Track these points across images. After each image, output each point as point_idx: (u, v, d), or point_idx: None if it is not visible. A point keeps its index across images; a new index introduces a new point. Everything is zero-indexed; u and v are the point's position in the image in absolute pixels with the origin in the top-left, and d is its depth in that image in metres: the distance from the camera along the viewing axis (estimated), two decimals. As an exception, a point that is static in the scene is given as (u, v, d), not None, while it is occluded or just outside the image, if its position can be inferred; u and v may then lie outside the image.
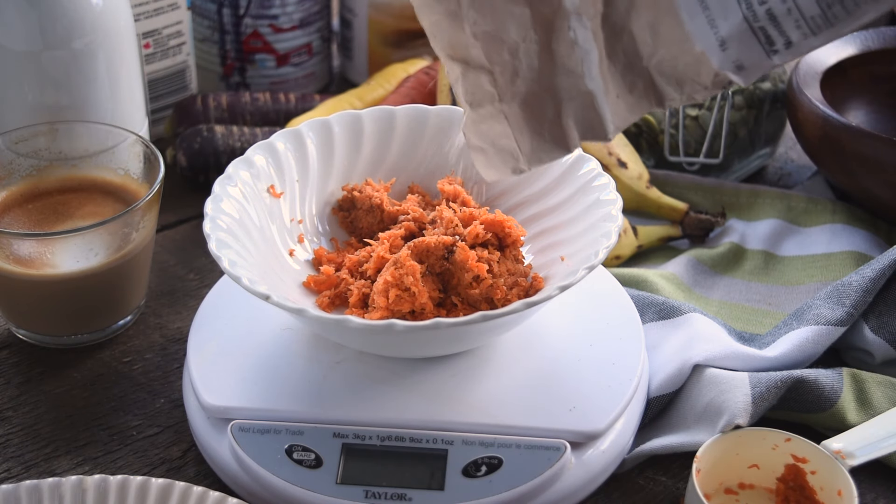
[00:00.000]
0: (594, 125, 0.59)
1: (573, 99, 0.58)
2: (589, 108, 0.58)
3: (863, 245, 0.84)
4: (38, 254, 0.72)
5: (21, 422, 0.71)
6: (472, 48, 0.57)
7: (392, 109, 0.75)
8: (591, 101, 0.58)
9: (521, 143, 0.59)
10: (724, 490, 0.66)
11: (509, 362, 0.68)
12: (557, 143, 0.60)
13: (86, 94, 0.80)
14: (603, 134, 0.59)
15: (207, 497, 0.60)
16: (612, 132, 0.59)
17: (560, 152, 0.60)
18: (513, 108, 0.59)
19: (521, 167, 0.61)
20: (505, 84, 0.58)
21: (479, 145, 0.60)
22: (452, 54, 0.58)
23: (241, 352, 0.69)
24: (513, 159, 0.60)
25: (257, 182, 0.70)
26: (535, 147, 0.60)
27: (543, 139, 0.59)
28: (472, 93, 0.59)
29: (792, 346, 0.72)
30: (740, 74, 0.56)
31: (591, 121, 0.59)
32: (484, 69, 0.58)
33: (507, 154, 0.60)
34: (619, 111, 0.59)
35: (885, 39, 0.97)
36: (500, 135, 0.59)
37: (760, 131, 0.95)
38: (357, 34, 1.07)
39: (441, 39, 0.58)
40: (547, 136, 0.59)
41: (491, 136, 0.60)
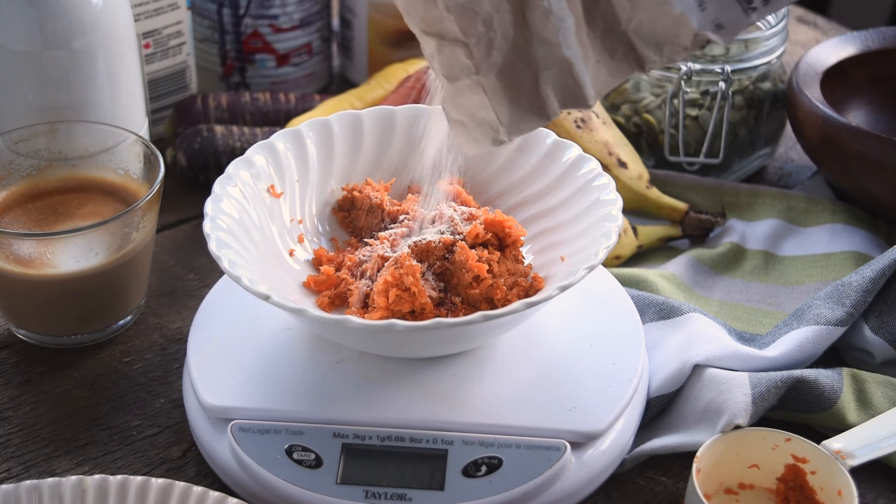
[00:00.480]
0: (573, 92, 0.59)
1: (550, 68, 0.58)
2: (567, 75, 0.58)
3: (863, 245, 0.84)
4: (38, 254, 0.72)
5: (21, 422, 0.71)
6: (445, 21, 0.57)
7: (392, 109, 0.75)
8: (568, 68, 0.58)
9: (500, 114, 0.59)
10: (724, 490, 0.66)
11: (509, 362, 0.68)
12: (537, 112, 0.60)
13: (86, 94, 0.80)
14: (583, 100, 0.59)
15: (207, 497, 0.60)
16: (593, 98, 0.59)
17: (539, 121, 0.60)
18: (490, 80, 0.59)
19: (502, 138, 0.61)
20: (481, 56, 0.58)
21: (458, 118, 0.60)
22: (427, 29, 0.58)
23: (241, 352, 0.69)
24: (493, 130, 0.60)
25: (257, 182, 0.70)
26: (514, 117, 0.60)
27: (522, 108, 0.59)
28: (448, 66, 0.59)
29: (792, 346, 0.72)
30: (719, 33, 0.56)
31: (570, 88, 0.58)
32: (459, 42, 0.58)
33: (487, 126, 0.60)
34: (600, 76, 0.59)
35: (885, 39, 0.97)
36: (478, 106, 0.59)
37: (760, 131, 0.95)
38: (357, 34, 1.07)
39: (415, 15, 0.58)
40: (525, 105, 0.59)
41: (469, 108, 0.60)
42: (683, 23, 0.56)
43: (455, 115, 0.60)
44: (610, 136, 0.90)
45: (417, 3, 0.57)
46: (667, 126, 0.91)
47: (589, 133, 0.89)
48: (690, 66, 0.89)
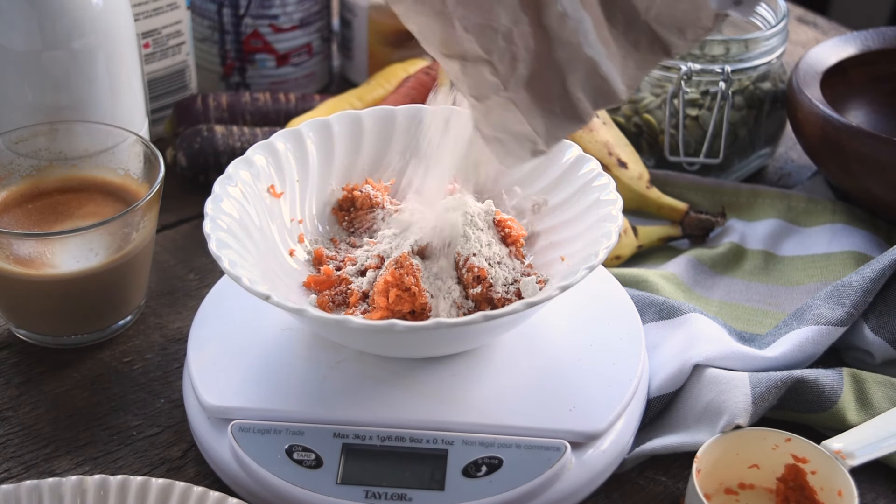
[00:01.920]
0: (603, 90, 0.58)
1: (576, 70, 0.58)
2: (594, 75, 0.58)
3: (863, 245, 0.84)
4: (38, 254, 0.72)
5: (21, 422, 0.71)
6: (465, 42, 0.57)
7: (392, 109, 0.75)
8: (594, 67, 0.57)
9: (536, 126, 0.59)
10: (724, 490, 0.66)
11: (509, 362, 0.68)
12: (571, 117, 0.59)
13: (86, 94, 0.80)
14: (614, 96, 0.58)
15: (207, 497, 0.60)
16: (624, 92, 0.59)
17: (575, 125, 0.60)
18: (519, 93, 0.58)
19: (541, 148, 0.60)
20: (506, 71, 0.58)
21: (494, 136, 0.60)
22: (447, 53, 0.58)
23: (241, 352, 0.69)
24: (530, 142, 0.60)
25: (257, 182, 0.70)
26: (549, 125, 0.59)
27: (556, 115, 0.59)
28: (476, 86, 0.58)
29: (792, 346, 0.72)
30: (739, 8, 0.56)
31: (599, 87, 0.58)
32: (482, 60, 0.58)
33: (524, 139, 0.60)
34: (629, 70, 0.58)
35: (885, 39, 0.97)
36: (512, 122, 0.59)
37: (760, 131, 0.95)
38: (357, 34, 1.07)
39: (432, 40, 0.58)
40: (559, 111, 0.59)
41: (504, 124, 0.59)
42: (702, 4, 0.56)
43: (490, 133, 0.60)
44: (610, 136, 0.90)
45: (433, 28, 0.57)
46: (667, 126, 0.91)
47: (589, 133, 0.89)
48: (690, 66, 0.90)
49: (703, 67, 0.90)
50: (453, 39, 0.57)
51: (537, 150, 0.60)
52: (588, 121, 0.60)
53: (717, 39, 0.92)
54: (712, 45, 0.91)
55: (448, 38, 0.57)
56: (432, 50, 0.58)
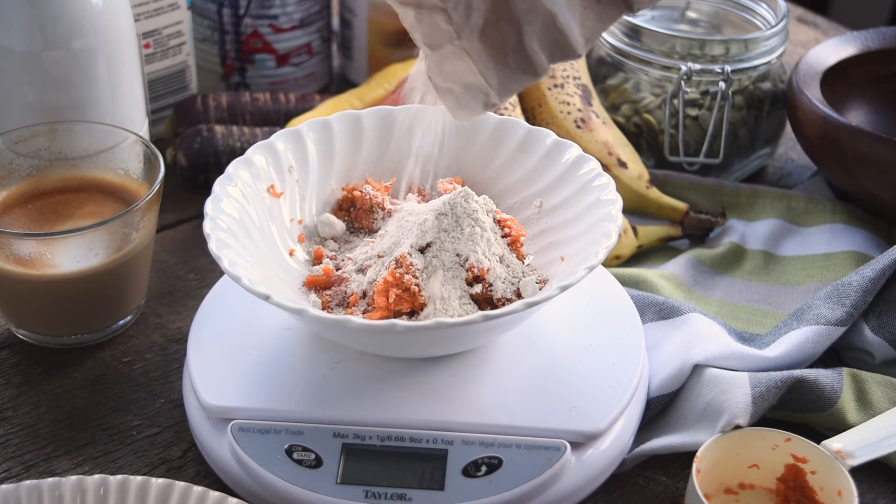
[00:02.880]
0: (560, 44, 0.58)
1: (533, 22, 0.57)
2: (551, 27, 0.57)
3: (863, 245, 0.84)
4: (38, 254, 0.72)
5: (21, 422, 0.71)
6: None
7: (392, 109, 0.75)
8: (551, 20, 0.57)
9: (488, 77, 0.59)
10: (724, 490, 0.66)
11: (509, 362, 0.68)
12: (525, 70, 0.59)
13: (86, 94, 0.80)
14: (571, 50, 0.58)
15: (207, 497, 0.60)
16: (581, 45, 0.58)
17: (529, 77, 0.59)
18: (473, 43, 0.58)
19: (493, 100, 0.60)
20: (460, 20, 0.57)
21: (445, 86, 0.60)
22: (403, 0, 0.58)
23: (241, 352, 0.69)
24: (482, 94, 0.60)
25: (257, 182, 0.70)
26: (502, 77, 0.59)
27: (509, 68, 0.59)
28: (429, 35, 0.58)
29: (792, 346, 0.72)
30: None
31: (556, 40, 0.58)
32: (437, 8, 0.57)
33: (476, 90, 0.59)
34: (588, 22, 0.58)
35: (885, 39, 0.97)
36: (465, 72, 0.59)
37: (760, 131, 0.95)
38: (357, 34, 1.07)
39: None
40: (512, 63, 0.59)
41: (456, 74, 0.59)
42: None
43: (442, 84, 0.59)
44: (610, 136, 0.90)
45: None
46: (667, 126, 0.91)
47: (589, 133, 0.89)
48: (690, 66, 0.90)
49: (703, 67, 0.90)
50: None
51: (489, 103, 0.60)
52: (543, 74, 0.59)
53: (717, 39, 0.92)
54: (712, 45, 0.91)
55: None
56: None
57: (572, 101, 0.90)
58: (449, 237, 0.65)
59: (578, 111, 0.89)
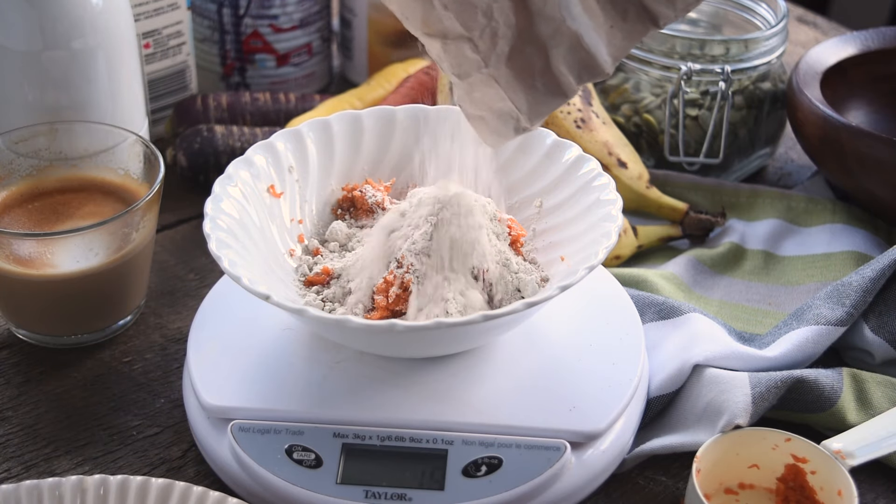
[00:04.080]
0: (587, 64, 0.58)
1: (559, 44, 0.57)
2: (577, 48, 0.57)
3: (863, 245, 0.84)
4: (38, 254, 0.72)
5: (21, 422, 0.71)
6: (445, 20, 0.57)
7: (392, 109, 0.75)
8: (577, 41, 0.57)
9: (518, 102, 0.59)
10: (724, 490, 0.66)
11: (509, 362, 0.68)
12: (553, 92, 0.59)
13: (86, 94, 0.80)
14: (599, 70, 0.58)
15: (207, 497, 0.60)
16: (609, 65, 0.58)
17: (559, 100, 0.59)
18: (500, 70, 0.58)
19: (524, 125, 0.60)
20: (487, 48, 0.57)
21: (476, 114, 0.60)
22: (428, 31, 0.58)
23: (241, 352, 0.69)
24: (513, 119, 0.60)
25: (257, 182, 0.70)
26: (531, 101, 0.59)
27: (538, 91, 0.59)
28: (457, 64, 0.58)
29: (792, 346, 0.72)
30: None
31: (584, 60, 0.58)
32: (463, 38, 0.57)
33: (507, 116, 0.59)
34: (615, 41, 0.58)
35: (885, 39, 0.97)
36: (494, 98, 0.59)
37: (760, 131, 0.95)
38: (357, 34, 1.07)
39: (413, 19, 0.58)
40: (541, 87, 0.59)
41: (486, 101, 0.59)
42: None
43: (473, 111, 0.60)
44: (610, 136, 0.90)
45: (414, 6, 0.57)
46: (667, 126, 0.91)
47: (589, 133, 0.89)
48: (690, 66, 0.90)
49: (703, 67, 0.90)
50: (434, 17, 0.57)
51: (521, 127, 0.60)
52: (571, 96, 0.59)
53: (717, 39, 0.92)
54: (712, 45, 0.91)
55: (428, 16, 0.57)
56: (414, 29, 0.58)
57: (572, 101, 0.90)
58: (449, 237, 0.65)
59: (578, 111, 0.89)
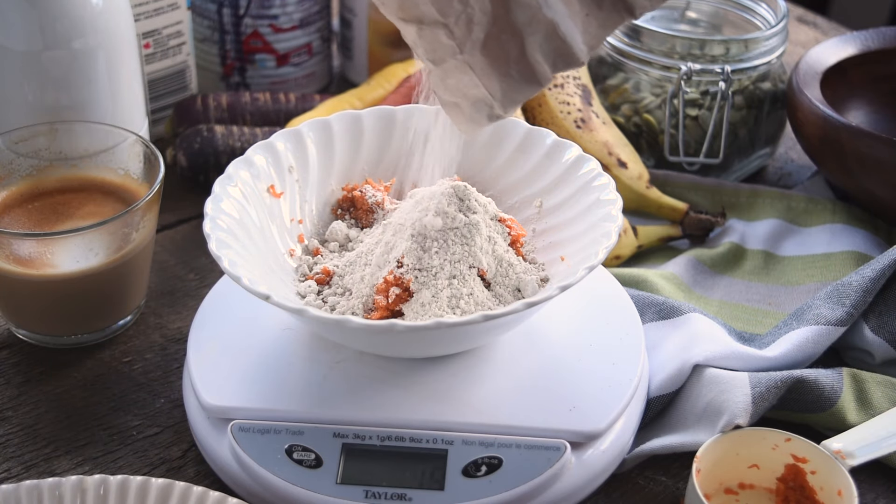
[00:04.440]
0: (563, 52, 0.58)
1: (535, 32, 0.57)
2: (553, 37, 0.57)
3: (863, 245, 0.84)
4: (38, 254, 0.72)
5: (21, 422, 0.71)
6: (421, 5, 0.57)
7: (392, 109, 0.75)
8: (553, 29, 0.57)
9: (492, 89, 0.59)
10: (724, 490, 0.66)
11: (509, 362, 0.68)
12: (528, 80, 0.59)
13: (86, 94, 0.80)
14: (574, 59, 0.58)
15: (207, 497, 0.60)
16: (584, 53, 0.58)
17: (532, 88, 0.59)
18: (475, 56, 0.58)
19: (497, 112, 0.60)
20: (462, 34, 0.57)
21: (450, 100, 0.60)
22: (404, 16, 0.58)
23: (241, 352, 0.69)
24: (487, 106, 0.60)
25: (257, 182, 0.70)
26: (506, 89, 0.59)
27: (513, 79, 0.59)
28: (432, 50, 0.58)
29: (792, 346, 0.72)
30: None
31: (559, 49, 0.58)
32: (438, 24, 0.57)
33: (481, 103, 0.59)
34: (591, 29, 0.58)
35: (885, 39, 0.97)
36: (468, 85, 0.59)
37: (760, 131, 0.95)
38: (357, 34, 1.07)
39: (390, 4, 0.58)
40: (516, 75, 0.59)
41: (460, 88, 0.59)
42: None
43: (447, 98, 0.60)
44: (610, 136, 0.90)
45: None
46: (667, 126, 0.91)
47: (589, 133, 0.89)
48: (690, 66, 0.90)
49: (703, 67, 0.90)
50: (409, 3, 0.57)
51: (494, 115, 0.60)
52: (546, 84, 0.59)
53: (717, 39, 0.92)
54: (712, 45, 0.91)
55: (404, 2, 0.57)
56: (390, 14, 0.58)
57: (572, 101, 0.90)
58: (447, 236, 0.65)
59: (578, 111, 0.89)
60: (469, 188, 0.66)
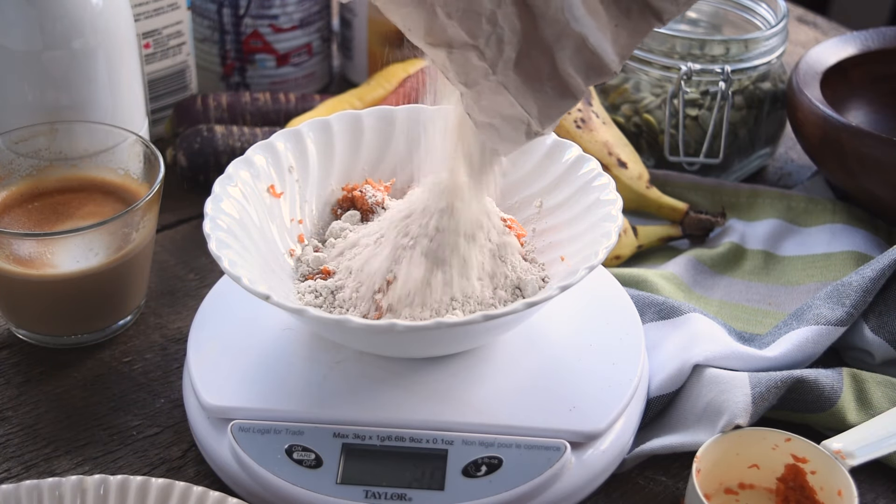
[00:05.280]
0: (594, 65, 0.58)
1: (565, 47, 0.57)
2: (583, 49, 0.57)
3: (863, 245, 0.84)
4: (38, 254, 0.72)
5: (21, 422, 0.71)
6: (449, 29, 0.57)
7: (392, 109, 0.75)
8: (583, 42, 0.57)
9: (528, 107, 0.59)
10: (724, 490, 0.66)
11: (509, 362, 0.68)
12: (563, 95, 0.59)
13: (86, 94, 0.80)
14: (606, 70, 0.58)
15: (207, 497, 0.60)
16: (616, 63, 0.58)
17: (569, 102, 0.59)
18: (508, 76, 0.58)
19: (535, 129, 0.60)
20: (493, 55, 0.57)
21: (486, 122, 0.59)
22: (432, 41, 0.57)
23: (241, 352, 0.69)
24: (524, 125, 0.59)
25: (257, 182, 0.70)
26: (542, 105, 0.59)
27: (547, 95, 0.58)
28: (464, 73, 0.58)
29: (792, 346, 0.72)
30: None
31: (590, 61, 0.58)
32: (468, 46, 0.57)
33: (517, 121, 0.59)
34: (620, 39, 0.58)
35: (885, 39, 0.97)
36: (503, 105, 0.59)
37: (760, 131, 0.95)
38: (357, 34, 1.07)
39: (417, 30, 0.58)
40: (550, 91, 0.58)
41: (495, 108, 0.59)
42: None
43: (482, 119, 0.59)
44: (610, 136, 0.90)
45: (416, 17, 0.57)
46: (667, 126, 0.91)
47: (589, 133, 0.89)
48: (690, 66, 0.90)
49: (703, 67, 0.90)
50: (437, 27, 0.57)
51: (532, 132, 0.60)
52: (581, 97, 0.59)
53: (717, 39, 0.92)
54: (712, 45, 0.91)
55: (432, 27, 0.57)
56: (417, 41, 0.58)
57: (572, 101, 0.90)
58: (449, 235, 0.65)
59: (578, 111, 0.89)
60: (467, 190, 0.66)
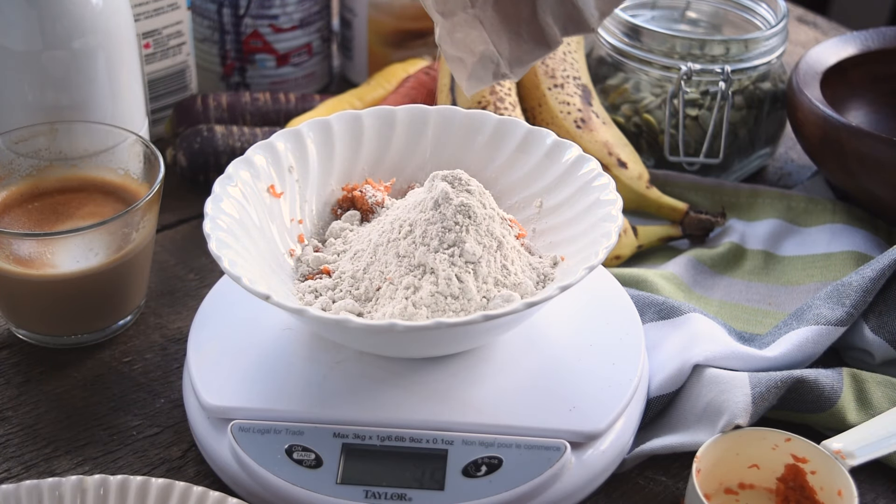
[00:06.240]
0: (574, 17, 0.57)
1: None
2: (566, 1, 0.57)
3: (863, 245, 0.84)
4: (38, 254, 0.72)
5: (21, 422, 0.71)
6: None
7: (392, 109, 0.75)
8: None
9: (500, 47, 0.58)
10: (724, 490, 0.66)
11: (509, 362, 0.68)
12: (537, 42, 0.58)
13: (86, 94, 0.80)
14: (585, 24, 0.57)
15: (207, 497, 0.60)
16: (595, 20, 0.57)
17: (541, 50, 0.59)
18: (486, 12, 0.57)
19: (503, 71, 0.59)
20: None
21: (456, 55, 0.59)
22: None
23: (241, 352, 0.69)
24: (493, 64, 0.59)
25: (257, 182, 0.70)
26: (514, 48, 0.58)
27: (522, 39, 0.58)
28: (442, 2, 0.58)
29: (792, 346, 0.72)
30: None
31: (570, 14, 0.57)
32: None
33: (487, 60, 0.59)
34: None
35: (885, 39, 0.97)
36: (476, 41, 0.58)
37: (760, 131, 0.95)
38: (357, 34, 1.07)
39: None
40: (525, 35, 0.58)
41: (467, 43, 0.58)
42: None
43: (452, 52, 0.59)
44: (610, 136, 0.90)
45: None
46: (667, 126, 0.91)
47: (589, 133, 0.89)
48: (690, 66, 0.90)
49: (703, 67, 0.90)
50: None
51: (500, 73, 0.59)
52: (555, 48, 0.59)
53: (717, 39, 0.92)
54: (712, 45, 0.91)
55: None
56: None
57: (572, 101, 0.90)
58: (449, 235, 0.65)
59: (578, 111, 0.89)
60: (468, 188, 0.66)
